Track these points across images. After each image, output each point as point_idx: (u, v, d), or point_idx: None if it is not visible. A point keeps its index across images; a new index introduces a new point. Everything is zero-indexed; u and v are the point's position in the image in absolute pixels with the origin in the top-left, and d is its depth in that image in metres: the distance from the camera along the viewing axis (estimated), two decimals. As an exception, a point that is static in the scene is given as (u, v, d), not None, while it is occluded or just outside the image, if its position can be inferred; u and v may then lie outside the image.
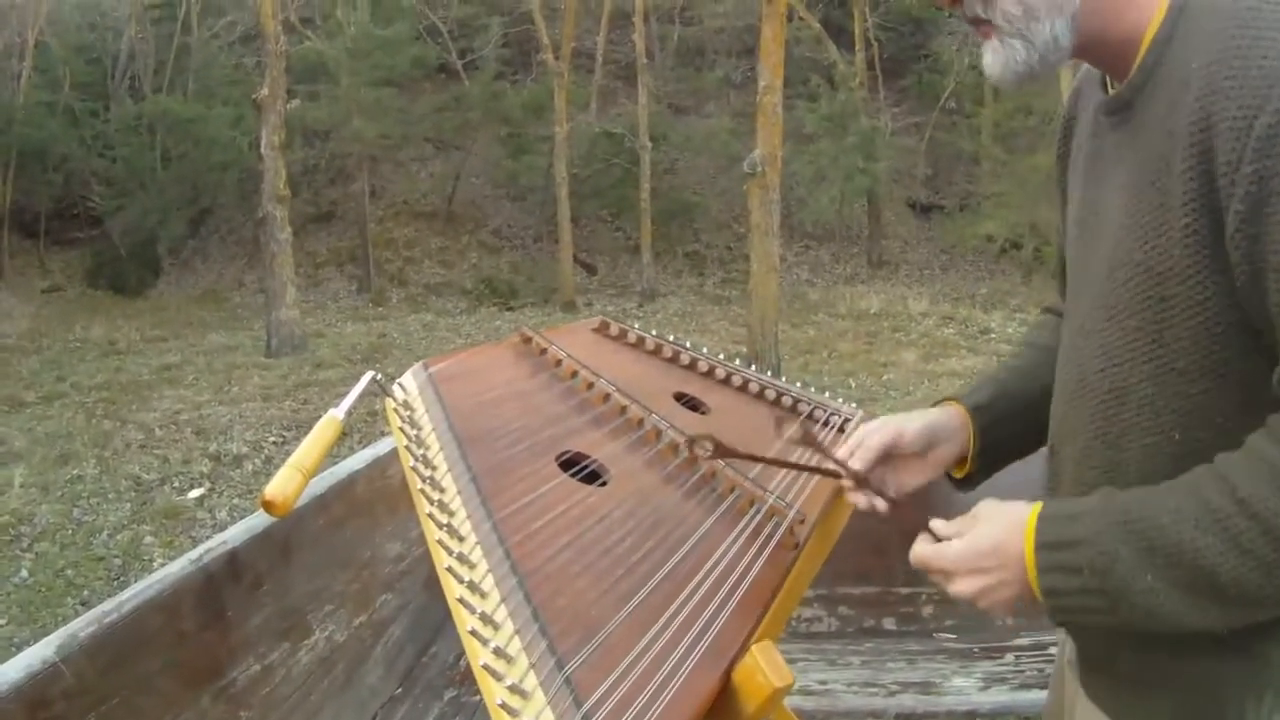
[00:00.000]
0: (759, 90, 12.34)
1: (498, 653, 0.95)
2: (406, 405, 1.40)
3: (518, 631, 0.98)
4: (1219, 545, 0.94)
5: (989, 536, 1.11)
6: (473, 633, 0.97)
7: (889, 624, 3.13)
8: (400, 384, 1.48)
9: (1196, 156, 0.94)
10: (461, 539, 1.11)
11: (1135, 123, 1.06)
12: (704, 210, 23.25)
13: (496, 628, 0.99)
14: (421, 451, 1.27)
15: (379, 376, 1.40)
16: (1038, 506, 1.09)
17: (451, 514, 1.15)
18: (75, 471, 8.01)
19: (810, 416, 1.79)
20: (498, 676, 0.92)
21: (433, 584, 3.16)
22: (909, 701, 2.72)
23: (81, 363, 13.81)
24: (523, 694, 0.91)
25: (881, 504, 1.29)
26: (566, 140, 20.08)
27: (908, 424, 1.37)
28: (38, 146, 21.77)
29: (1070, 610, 1.05)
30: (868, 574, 3.11)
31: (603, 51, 24.27)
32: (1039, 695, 2.47)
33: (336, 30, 21.01)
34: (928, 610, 3.12)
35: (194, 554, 2.06)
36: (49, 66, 22.94)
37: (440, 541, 1.09)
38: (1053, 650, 2.84)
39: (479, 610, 0.99)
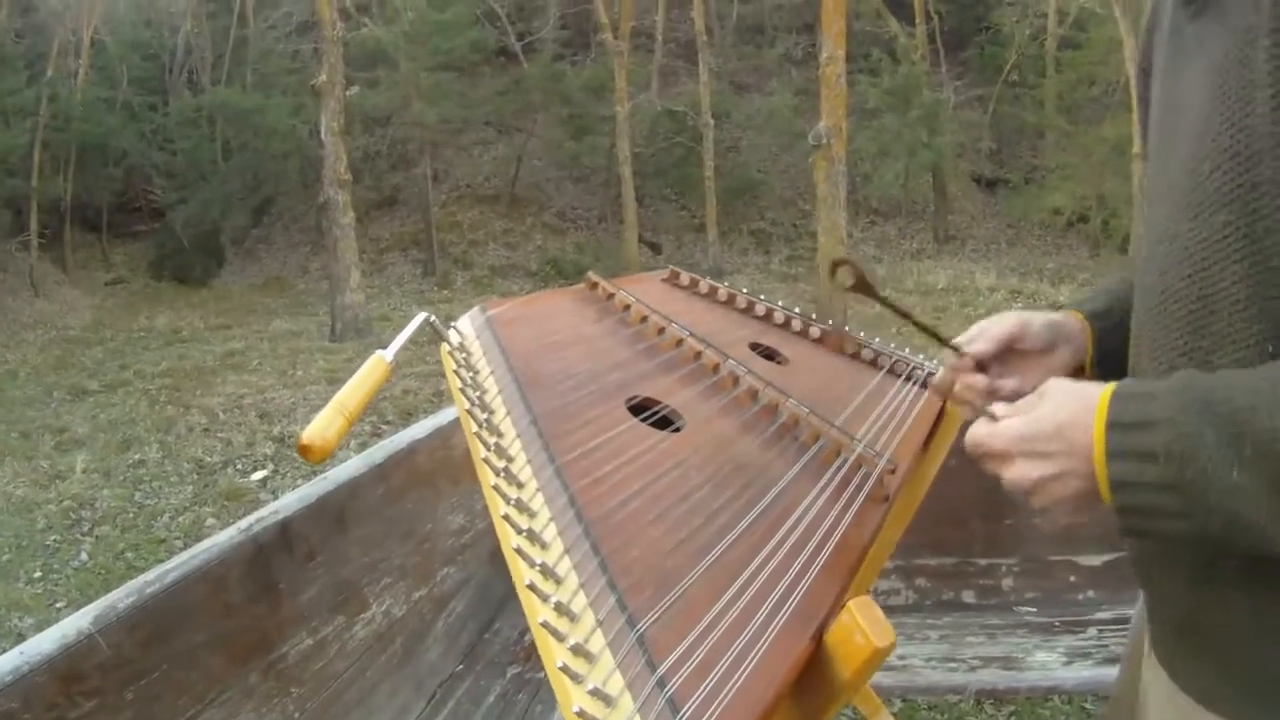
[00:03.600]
0: (821, 61, 12.19)
1: (559, 609, 0.83)
2: (463, 348, 1.30)
3: (583, 585, 0.86)
4: None
5: (1054, 415, 0.95)
6: (531, 586, 0.85)
7: (968, 597, 3.02)
8: (456, 327, 1.38)
9: None
10: (520, 485, 1.00)
11: (1215, 7, 0.95)
12: (768, 188, 23.11)
13: (558, 581, 0.87)
14: (478, 394, 1.16)
15: (432, 318, 1.30)
16: (1112, 384, 0.93)
17: (510, 458, 1.04)
18: (137, 456, 8.05)
19: (892, 370, 1.67)
20: (559, 636, 0.80)
21: (497, 558, 3.09)
22: (990, 677, 2.60)
23: (145, 351, 13.96)
24: (587, 655, 0.79)
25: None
26: (628, 120, 20.00)
27: (1034, 316, 1.26)
28: (97, 142, 22.15)
29: (1140, 511, 0.88)
30: (945, 544, 3.01)
31: (662, 30, 24.12)
32: (1124, 671, 2.35)
33: (394, 16, 21.03)
34: (1007, 582, 3.01)
35: (243, 523, 1.97)
36: (106, 64, 23.35)
37: (496, 487, 0.98)
38: (1137, 624, 2.72)
39: (538, 562, 0.88)
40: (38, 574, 5.76)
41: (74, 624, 1.50)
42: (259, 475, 7.38)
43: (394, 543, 2.53)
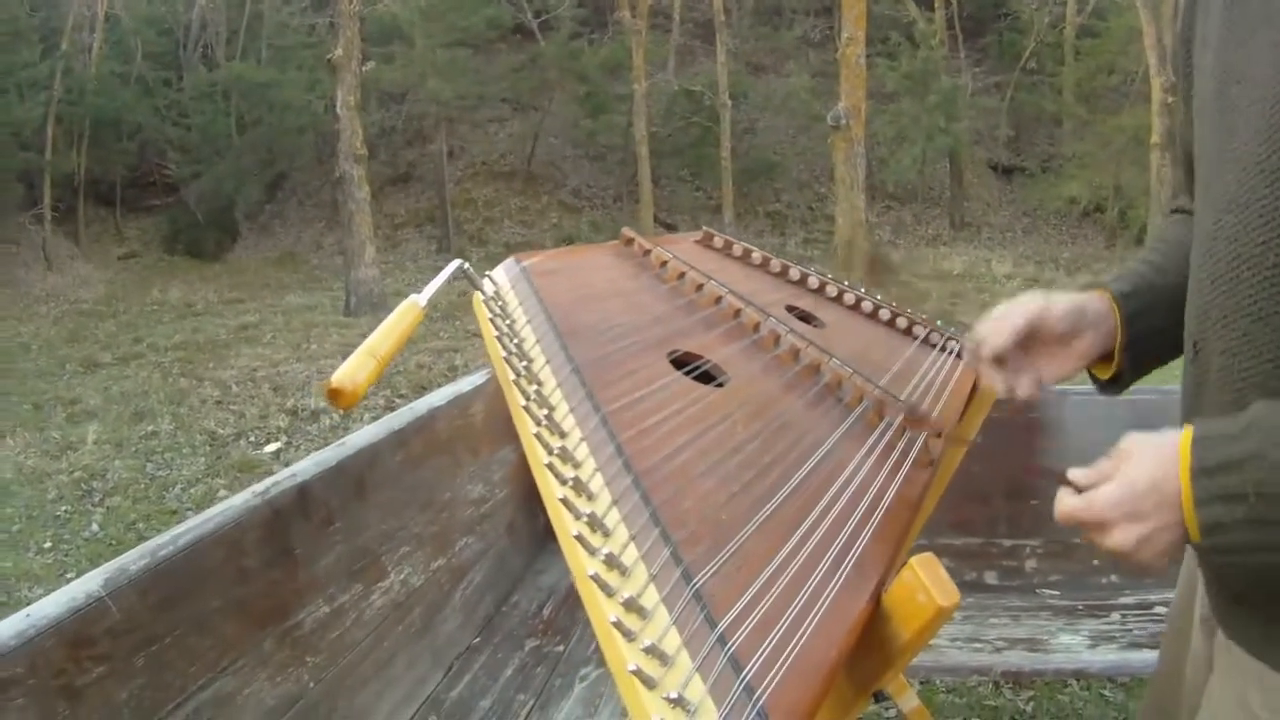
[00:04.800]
0: (841, 42, 12.14)
1: (609, 561, 0.78)
2: (498, 297, 1.26)
3: (634, 538, 0.82)
4: None
5: (1144, 474, 0.93)
6: (578, 538, 0.80)
7: (990, 578, 2.98)
8: (490, 276, 1.33)
9: None
10: (564, 434, 0.96)
11: None
12: (784, 170, 23.03)
13: (607, 534, 0.83)
14: (515, 342, 1.12)
15: (467, 266, 1.25)
16: (1189, 430, 0.92)
17: (551, 407, 0.99)
18: (150, 428, 8.01)
19: (927, 340, 1.63)
20: (609, 591, 0.76)
21: (515, 529, 3.07)
22: (1015, 659, 2.56)
23: (158, 325, 13.93)
24: (640, 611, 0.75)
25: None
26: (645, 99, 19.93)
27: (1054, 301, 1.23)
28: (111, 117, 22.04)
29: (1234, 550, 0.88)
30: (969, 524, 2.98)
31: (680, 9, 24.01)
32: (1149, 655, 2.32)
33: (410, -8, 20.95)
34: (1031, 564, 2.98)
35: (259, 487, 1.92)
36: (120, 38, 23.22)
37: (538, 435, 0.93)
38: (1159, 610, 2.69)
39: (586, 513, 0.83)
40: (48, 544, 5.72)
41: (83, 587, 1.45)
42: (272, 448, 7.34)
43: (412, 511, 2.49)
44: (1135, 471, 0.94)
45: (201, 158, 22.36)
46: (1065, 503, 0.98)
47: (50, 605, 1.39)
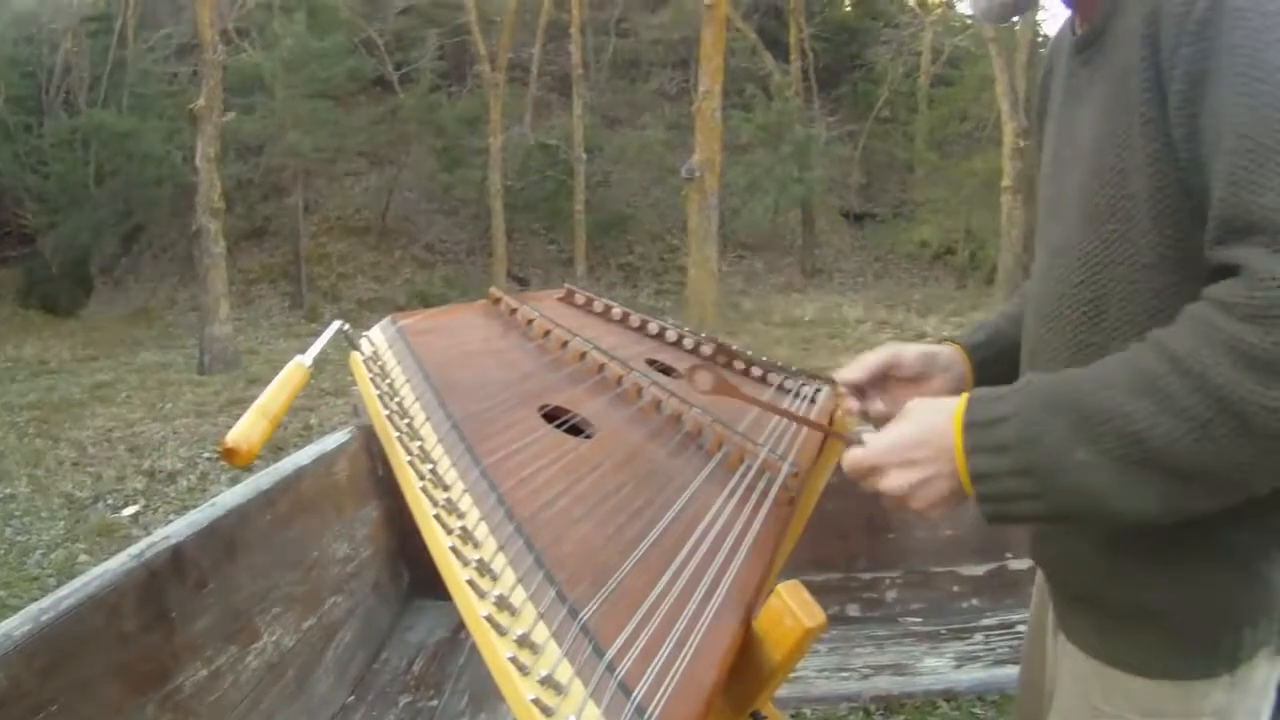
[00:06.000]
0: (698, 95, 12.36)
1: (500, 603, 0.84)
2: (376, 358, 1.31)
3: (521, 580, 0.88)
4: (1151, 407, 0.88)
5: (917, 425, 1.05)
6: (469, 583, 0.86)
7: (853, 610, 3.08)
8: (368, 336, 1.38)
9: (1147, 49, 0.98)
10: (448, 487, 1.01)
11: (1105, 48, 1.09)
12: (637, 222, 23.21)
13: (495, 578, 0.89)
14: (396, 401, 1.17)
15: (346, 326, 1.30)
16: (967, 393, 1.04)
17: (434, 462, 1.05)
18: (7, 490, 7.72)
19: (781, 387, 1.72)
20: (501, 630, 0.81)
21: (381, 586, 3.07)
22: (883, 684, 2.66)
23: (13, 383, 13.38)
24: (533, 646, 0.81)
25: (877, 408, 1.26)
26: (500, 152, 19.97)
27: (907, 347, 1.38)
28: (-31, 162, 21.23)
29: (1001, 498, 0.98)
30: (829, 560, 3.07)
31: (539, 63, 24.17)
32: (1014, 671, 2.42)
33: (273, 42, 20.65)
34: (892, 594, 3.08)
35: (135, 549, 1.91)
36: (-18, 79, 22.34)
37: (424, 489, 0.99)
38: (1021, 628, 2.82)
39: (474, 559, 0.89)
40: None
41: (-35, 654, 1.43)
42: (130, 510, 7.13)
43: (282, 570, 2.48)
44: (912, 423, 1.05)
45: (59, 207, 21.51)
46: (849, 453, 1.09)
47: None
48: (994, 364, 1.39)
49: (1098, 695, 1.15)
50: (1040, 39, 18.97)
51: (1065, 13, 1.24)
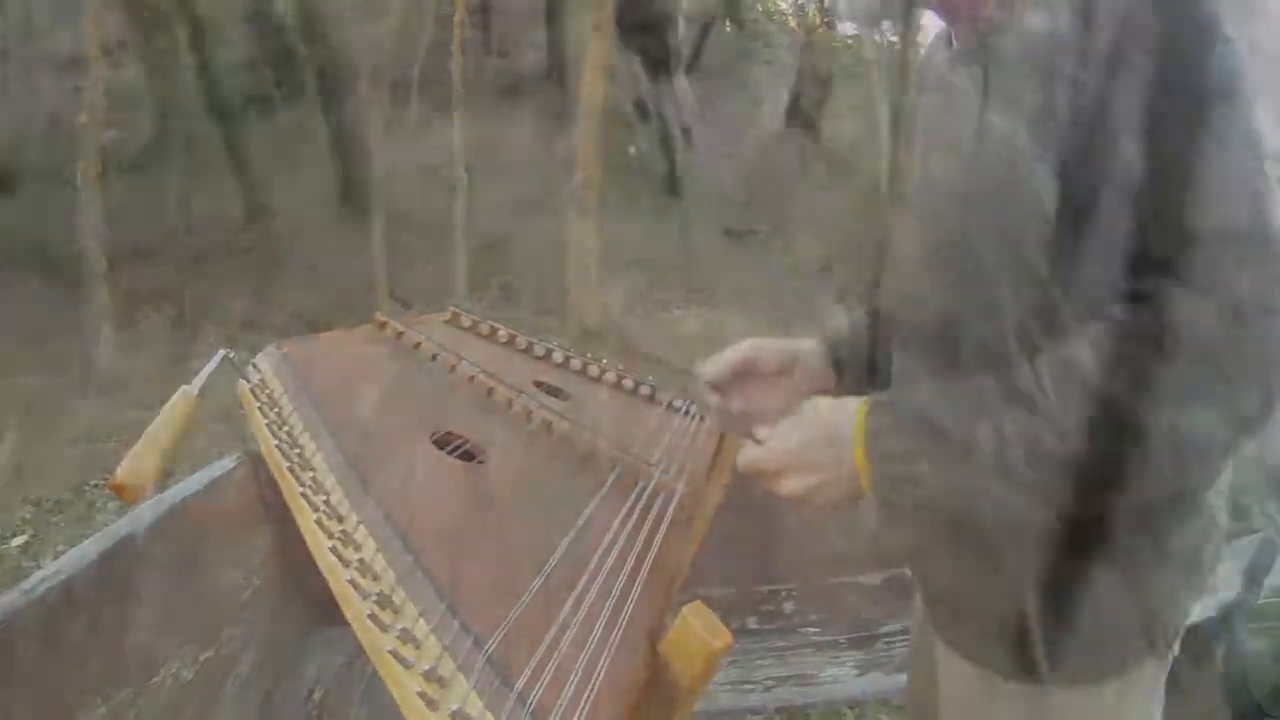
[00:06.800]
0: (580, 114, 12.35)
1: (403, 636, 0.81)
2: (263, 385, 1.26)
3: (423, 613, 0.85)
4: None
5: (822, 431, 1.03)
6: (371, 617, 0.83)
7: (751, 623, 3.07)
8: (254, 364, 1.34)
9: (1038, 71, 0.95)
10: (342, 519, 0.98)
11: (990, 61, 1.05)
12: (518, 241, 23.09)
13: (397, 610, 0.86)
14: (285, 430, 1.13)
15: (232, 354, 1.26)
16: (866, 400, 1.03)
17: (328, 493, 1.01)
18: (-117, 529, 7.38)
19: (670, 406, 1.72)
20: (407, 664, 0.79)
21: (277, 615, 2.97)
22: (786, 694, 2.66)
23: (-117, 408, 12.79)
24: (440, 680, 0.78)
25: (761, 431, 1.16)
26: (380, 172, 19.71)
27: (767, 343, 1.35)
28: None
29: (897, 479, 0.98)
30: (726, 575, 3.06)
31: (418, 82, 23.88)
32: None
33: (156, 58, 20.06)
34: (789, 606, 3.08)
35: (26, 584, 1.82)
36: None
37: (319, 523, 0.95)
38: (922, 634, 2.86)
39: (374, 593, 0.86)
40: None
41: None
42: (18, 541, 6.88)
43: (176, 603, 2.39)
44: (813, 428, 1.03)
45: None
46: (748, 453, 1.07)
47: None
48: (855, 354, 1.37)
49: (974, 691, 1.16)
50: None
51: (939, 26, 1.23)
